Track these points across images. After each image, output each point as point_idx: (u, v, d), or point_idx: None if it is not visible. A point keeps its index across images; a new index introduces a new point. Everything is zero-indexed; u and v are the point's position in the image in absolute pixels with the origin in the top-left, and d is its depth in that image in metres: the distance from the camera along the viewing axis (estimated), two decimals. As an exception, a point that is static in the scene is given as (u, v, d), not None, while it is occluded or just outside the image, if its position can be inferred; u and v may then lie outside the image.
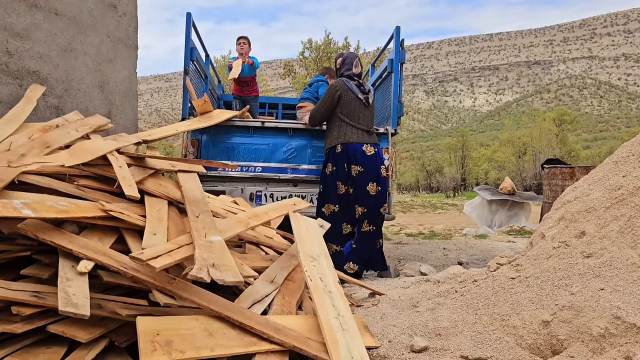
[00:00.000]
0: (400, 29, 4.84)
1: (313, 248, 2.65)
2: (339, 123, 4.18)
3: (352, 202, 4.12)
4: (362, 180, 4.09)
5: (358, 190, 4.09)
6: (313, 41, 24.66)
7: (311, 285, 2.29)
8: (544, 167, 9.14)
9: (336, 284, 2.39)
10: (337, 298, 2.25)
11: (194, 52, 4.88)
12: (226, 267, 1.94)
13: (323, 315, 2.09)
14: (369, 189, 4.09)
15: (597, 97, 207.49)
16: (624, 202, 2.42)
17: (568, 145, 50.70)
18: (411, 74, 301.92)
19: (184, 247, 2.07)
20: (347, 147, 4.11)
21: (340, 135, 4.15)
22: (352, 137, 4.13)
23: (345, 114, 4.17)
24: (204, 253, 2.01)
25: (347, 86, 4.18)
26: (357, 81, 4.27)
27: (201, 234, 2.21)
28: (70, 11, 3.61)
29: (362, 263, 4.09)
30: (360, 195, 4.09)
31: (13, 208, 1.89)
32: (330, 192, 4.14)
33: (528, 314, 2.14)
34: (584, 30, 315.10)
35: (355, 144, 4.12)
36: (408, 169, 72.40)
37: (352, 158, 4.09)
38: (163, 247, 2.00)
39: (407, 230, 10.03)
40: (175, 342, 1.71)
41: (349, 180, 4.10)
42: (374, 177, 4.11)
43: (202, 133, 4.59)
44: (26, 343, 1.77)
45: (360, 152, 4.11)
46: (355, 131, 4.16)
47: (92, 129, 3.14)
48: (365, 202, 4.10)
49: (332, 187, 4.13)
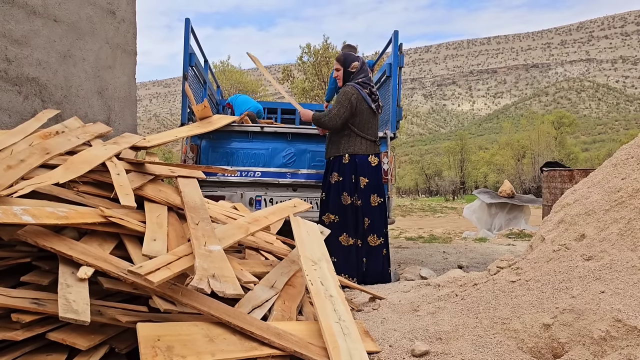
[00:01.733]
0: (398, 33, 4.85)
1: (314, 252, 2.65)
2: (348, 132, 4.06)
3: (359, 214, 4.03)
4: (368, 191, 4.03)
5: (364, 202, 4.03)
6: (312, 46, 24.74)
7: (312, 290, 2.28)
8: (543, 170, 9.15)
9: (337, 288, 2.39)
10: (338, 302, 2.25)
11: (193, 57, 4.89)
12: (226, 278, 1.94)
13: (324, 319, 2.09)
14: (371, 201, 4.05)
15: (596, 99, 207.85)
16: (624, 205, 2.42)
17: (567, 148, 50.72)
18: (409, 77, 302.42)
19: (182, 258, 2.05)
20: (355, 158, 4.04)
21: (350, 145, 4.05)
22: (360, 149, 4.05)
23: (356, 125, 4.05)
24: (204, 263, 2.00)
25: (362, 95, 4.01)
26: (369, 89, 4.08)
27: (201, 242, 2.20)
28: (69, 18, 3.62)
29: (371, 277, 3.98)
30: (366, 207, 4.03)
31: (13, 214, 1.89)
32: (334, 201, 4.05)
33: (529, 318, 2.14)
34: (582, 33, 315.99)
35: (362, 155, 4.05)
36: (407, 172, 72.39)
37: (359, 170, 4.02)
38: (162, 259, 1.98)
39: (407, 234, 10.03)
40: (176, 347, 1.71)
41: (357, 191, 4.02)
42: (377, 189, 4.08)
43: (201, 138, 4.59)
44: (26, 350, 1.77)
45: (366, 163, 4.05)
46: (363, 142, 4.07)
47: (93, 136, 3.13)
48: (370, 214, 4.04)
49: (336, 196, 4.03)
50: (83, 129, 3.20)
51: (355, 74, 4.09)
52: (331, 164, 4.12)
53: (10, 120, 3.18)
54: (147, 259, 2.12)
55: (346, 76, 4.15)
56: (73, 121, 3.34)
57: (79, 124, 3.33)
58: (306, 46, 24.78)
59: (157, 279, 1.80)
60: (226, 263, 2.09)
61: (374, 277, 4.00)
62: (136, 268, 1.84)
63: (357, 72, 4.09)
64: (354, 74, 4.11)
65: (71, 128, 3.19)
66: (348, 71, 4.13)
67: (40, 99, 3.39)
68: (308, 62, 24.65)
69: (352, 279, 3.85)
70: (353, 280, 3.85)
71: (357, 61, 4.11)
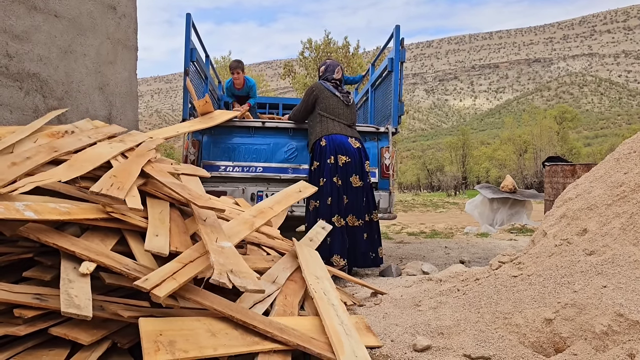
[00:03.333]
0: (399, 27, 4.83)
1: (317, 270, 2.69)
2: (320, 119, 4.28)
3: (340, 193, 4.11)
4: (348, 170, 4.12)
5: (343, 181, 4.11)
6: (313, 41, 24.67)
7: (315, 296, 2.31)
8: (545, 164, 9.12)
9: (339, 300, 2.39)
10: (340, 310, 2.25)
11: (194, 52, 4.88)
12: (244, 274, 1.93)
13: (328, 319, 2.10)
14: (352, 180, 4.11)
15: (598, 94, 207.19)
16: (626, 199, 2.42)
17: (569, 143, 50.60)
18: (411, 72, 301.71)
19: (188, 265, 2.03)
20: (332, 139, 4.16)
21: (324, 129, 4.23)
22: (335, 129, 4.21)
23: (325, 109, 4.28)
24: (220, 258, 1.99)
25: (324, 86, 4.36)
26: (334, 83, 4.42)
27: (212, 238, 2.20)
28: (70, 13, 3.61)
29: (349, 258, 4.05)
30: (345, 186, 4.11)
31: (15, 210, 1.89)
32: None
33: (530, 312, 2.14)
34: (584, 28, 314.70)
35: (339, 135, 4.19)
36: (409, 168, 72.36)
37: (338, 148, 4.13)
38: (167, 269, 1.95)
39: (409, 229, 10.02)
40: (178, 342, 1.71)
41: (337, 171, 4.10)
42: (357, 170, 4.15)
43: (203, 134, 4.59)
44: (28, 345, 1.77)
45: (346, 143, 4.17)
46: (337, 124, 4.25)
47: (106, 136, 3.09)
48: (349, 194, 4.11)
49: (316, 183, 4.04)
50: (96, 130, 3.17)
51: (322, 76, 4.54)
52: (312, 153, 4.28)
53: (11, 116, 3.18)
54: (149, 254, 2.13)
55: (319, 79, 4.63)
56: (85, 122, 3.31)
57: (91, 125, 3.30)
58: (307, 41, 24.73)
59: (164, 293, 1.77)
60: (240, 259, 2.09)
61: (355, 259, 4.12)
62: (141, 282, 1.81)
63: (322, 74, 4.54)
64: (320, 76, 4.58)
65: (82, 129, 3.15)
66: (319, 76, 4.64)
67: (41, 95, 3.39)
68: (309, 57, 24.60)
69: (343, 259, 3.94)
70: (344, 260, 3.95)
71: (323, 65, 4.59)
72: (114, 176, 2.38)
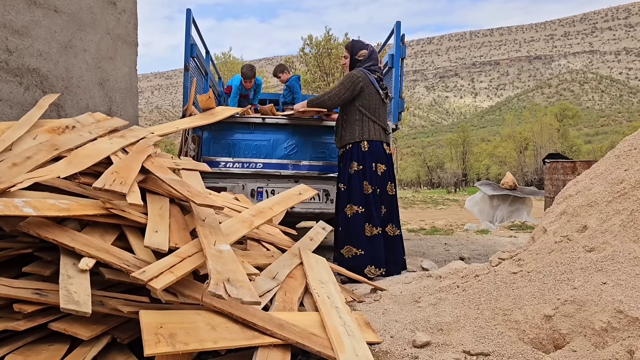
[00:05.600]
0: (400, 24, 4.81)
1: (322, 276, 2.69)
2: (360, 117, 3.94)
3: (378, 203, 3.90)
4: (385, 179, 3.95)
5: (382, 190, 3.94)
6: (313, 37, 24.64)
7: (318, 300, 2.31)
8: (546, 161, 9.11)
9: (343, 303, 2.38)
10: (343, 313, 2.24)
11: (194, 48, 4.87)
12: (241, 284, 1.91)
13: (329, 320, 2.11)
14: (388, 189, 3.97)
15: (599, 91, 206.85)
16: (626, 196, 2.42)
17: (569, 140, 50.53)
18: (411, 69, 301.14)
19: (186, 259, 2.03)
20: (373, 145, 3.92)
21: (365, 131, 3.92)
22: (375, 135, 3.94)
23: (367, 108, 3.94)
24: (217, 265, 1.97)
25: (369, 79, 3.94)
26: (378, 75, 4.02)
27: (210, 241, 2.18)
28: (70, 8, 3.60)
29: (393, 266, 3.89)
30: (384, 195, 3.95)
31: (14, 206, 1.89)
32: (356, 192, 3.87)
33: (530, 309, 2.14)
34: (585, 25, 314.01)
35: (378, 141, 3.95)
36: (409, 164, 72.28)
37: (377, 156, 3.92)
38: (165, 262, 1.95)
39: (409, 226, 10.02)
40: (178, 334, 1.72)
41: (377, 179, 3.91)
42: (392, 177, 4.02)
43: (203, 129, 4.58)
44: (28, 340, 1.78)
45: (382, 150, 3.97)
46: (377, 128, 3.97)
47: (107, 131, 3.06)
48: (387, 203, 3.96)
49: (358, 186, 3.86)
50: (97, 124, 3.15)
51: (363, 62, 4.03)
52: (349, 153, 3.96)
53: (11, 112, 3.17)
54: (148, 250, 2.12)
55: (353, 64, 4.09)
56: (87, 116, 3.28)
57: (93, 119, 3.29)
58: (308, 38, 24.69)
59: (160, 285, 1.78)
60: (238, 265, 2.06)
61: (396, 268, 3.91)
62: (139, 274, 1.81)
63: (364, 59, 4.03)
64: (361, 61, 4.04)
65: (84, 123, 3.12)
66: (355, 59, 4.07)
67: (41, 90, 3.38)
68: (310, 53, 24.57)
69: (379, 269, 3.73)
70: (380, 271, 3.74)
71: (366, 49, 4.06)
72: (115, 172, 2.38)
